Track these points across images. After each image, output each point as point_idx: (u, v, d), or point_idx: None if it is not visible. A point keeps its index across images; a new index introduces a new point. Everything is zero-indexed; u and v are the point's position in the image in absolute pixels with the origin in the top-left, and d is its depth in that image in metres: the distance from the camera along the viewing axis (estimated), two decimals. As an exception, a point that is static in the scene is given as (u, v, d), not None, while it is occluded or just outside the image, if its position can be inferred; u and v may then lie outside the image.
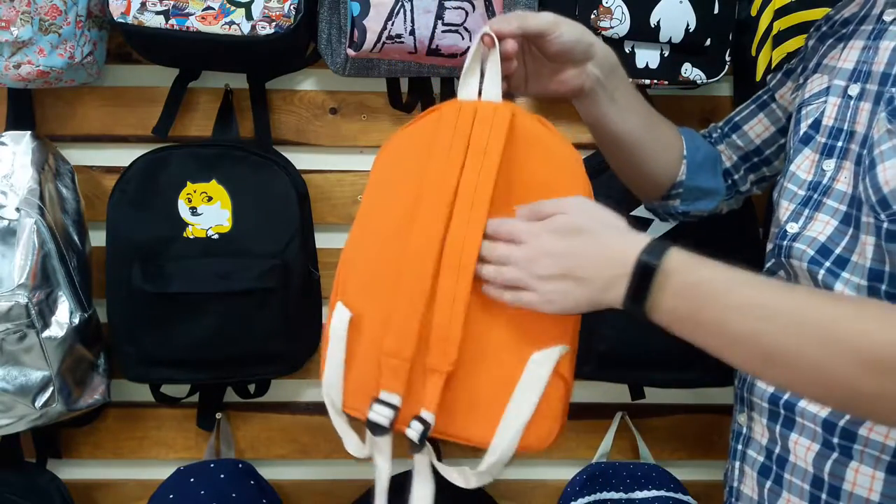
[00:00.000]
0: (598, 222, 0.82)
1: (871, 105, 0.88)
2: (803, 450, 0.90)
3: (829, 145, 0.93)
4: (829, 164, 0.92)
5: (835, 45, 1.00)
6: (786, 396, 0.93)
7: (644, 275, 0.77)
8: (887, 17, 0.90)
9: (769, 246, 1.01)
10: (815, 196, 0.93)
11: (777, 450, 0.94)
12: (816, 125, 0.96)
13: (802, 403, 0.90)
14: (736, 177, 1.18)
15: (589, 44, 0.96)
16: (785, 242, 0.94)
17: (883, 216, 0.82)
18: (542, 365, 0.85)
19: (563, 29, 0.93)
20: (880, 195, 0.82)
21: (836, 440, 0.87)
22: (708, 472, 1.52)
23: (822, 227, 0.90)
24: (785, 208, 0.97)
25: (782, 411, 0.93)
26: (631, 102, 1.04)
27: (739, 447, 1.01)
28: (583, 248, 0.80)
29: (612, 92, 1.00)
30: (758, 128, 1.16)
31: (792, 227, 0.94)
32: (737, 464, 1.02)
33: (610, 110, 1.02)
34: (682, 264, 0.76)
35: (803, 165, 0.96)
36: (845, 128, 0.91)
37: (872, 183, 0.83)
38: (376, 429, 0.85)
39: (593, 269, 0.79)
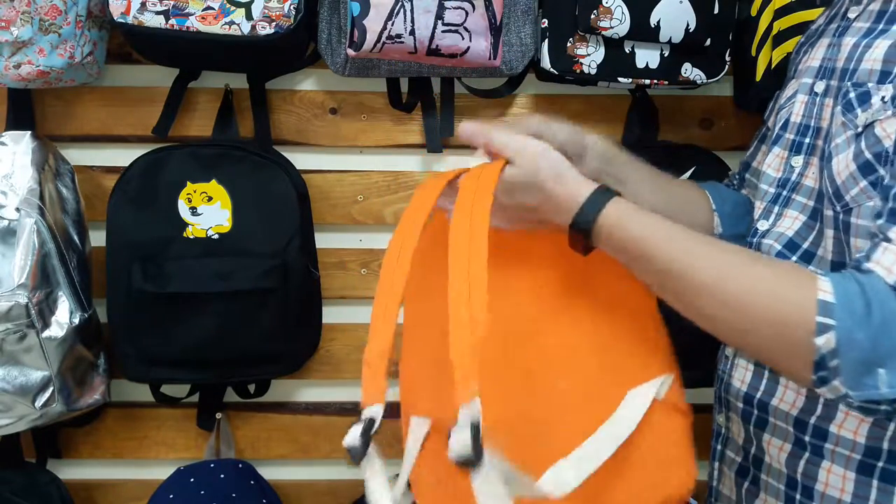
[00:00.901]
0: (546, 174, 0.85)
1: (832, 100, 0.90)
2: (776, 450, 0.92)
3: (797, 142, 0.95)
4: (798, 161, 0.94)
5: (808, 50, 1.02)
6: (758, 395, 0.94)
7: (580, 231, 0.83)
8: (851, 15, 0.92)
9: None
10: (785, 193, 0.95)
11: (753, 450, 0.96)
12: (786, 124, 0.98)
13: (774, 402, 0.92)
14: None
15: (581, 138, 0.98)
16: (755, 240, 0.96)
17: (838, 207, 0.84)
18: (639, 399, 0.82)
19: (555, 128, 0.96)
20: (835, 186, 0.85)
21: (807, 438, 0.88)
22: (707, 472, 1.52)
23: (791, 222, 0.92)
24: (757, 207, 0.99)
25: (755, 410, 0.94)
26: (642, 179, 1.04)
27: (718, 447, 1.03)
28: (532, 200, 0.85)
29: (617, 175, 1.00)
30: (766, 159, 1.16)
31: (762, 225, 0.96)
32: (716, 464, 1.04)
33: (622, 193, 1.02)
34: (610, 226, 0.82)
35: (773, 163, 0.98)
36: (812, 124, 0.93)
37: (829, 175, 0.86)
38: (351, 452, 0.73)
39: (547, 214, 0.86)
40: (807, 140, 0.94)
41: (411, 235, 0.79)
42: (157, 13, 1.26)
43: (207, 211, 1.37)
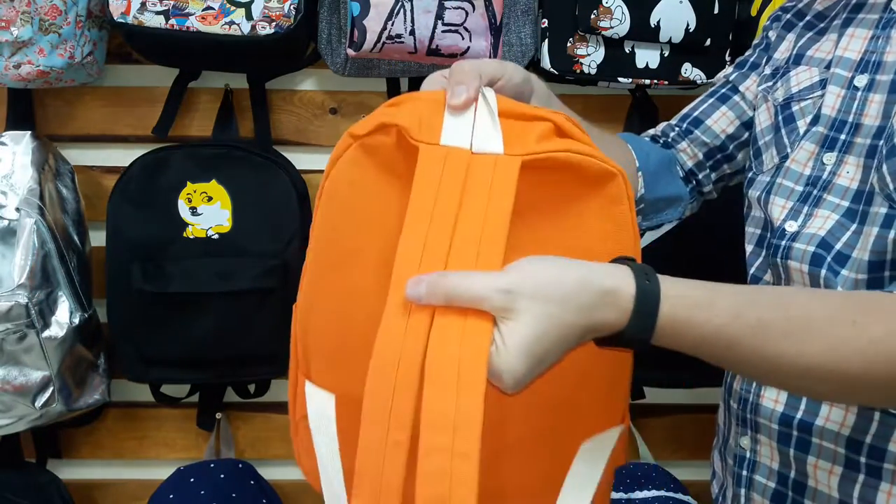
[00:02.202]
0: (569, 314, 0.61)
1: (883, 96, 0.85)
2: (825, 474, 0.85)
3: (831, 137, 0.89)
4: (830, 158, 0.88)
5: (815, 37, 0.97)
6: (798, 415, 0.87)
7: (636, 343, 0.65)
8: None
9: (749, 248, 0.97)
10: (815, 192, 0.89)
11: (792, 474, 0.88)
12: (817, 118, 0.91)
13: (819, 422, 0.85)
14: (700, 175, 1.10)
15: (528, 78, 0.85)
16: (783, 242, 0.89)
17: None
18: (596, 453, 0.67)
19: (510, 70, 0.82)
20: None
21: (862, 460, 0.82)
22: (708, 472, 1.52)
23: (822, 222, 0.86)
24: (781, 206, 0.92)
25: (795, 432, 0.87)
26: None
27: (744, 473, 0.95)
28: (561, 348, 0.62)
29: None
30: (722, 121, 1.08)
31: (791, 226, 0.89)
32: (742, 491, 0.95)
33: None
34: (672, 333, 0.63)
35: (800, 158, 0.92)
36: (850, 119, 0.88)
37: (892, 170, 0.80)
38: None
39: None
40: (842, 136, 0.88)
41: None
42: (157, 13, 1.26)
43: (207, 211, 1.37)
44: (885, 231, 0.81)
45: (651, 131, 1.14)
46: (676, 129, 1.11)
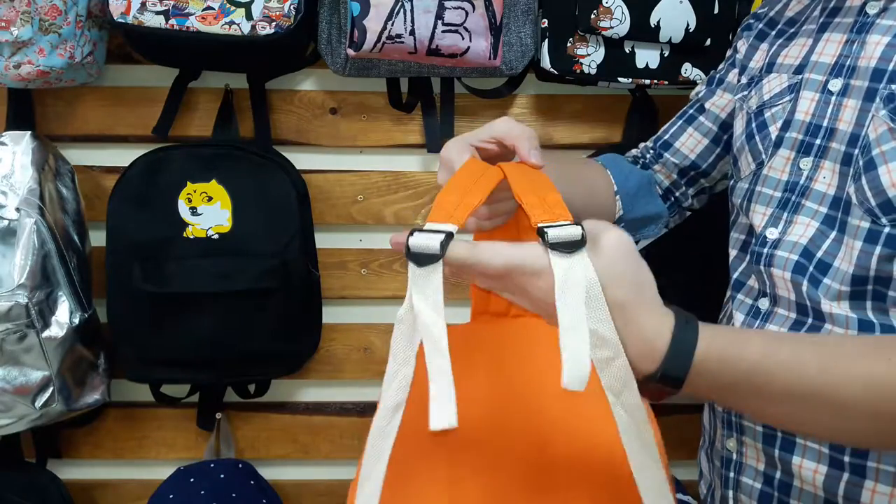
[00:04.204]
0: (628, 289, 0.64)
1: (858, 102, 0.84)
2: (810, 473, 0.85)
3: (807, 143, 0.89)
4: (807, 163, 0.88)
5: (785, 43, 0.97)
6: None
7: (669, 382, 0.68)
8: (870, 10, 0.87)
9: (734, 252, 0.97)
10: (793, 198, 0.89)
11: (778, 475, 0.89)
12: (788, 124, 0.92)
13: None
14: (678, 193, 1.14)
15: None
16: (765, 250, 0.89)
17: (884, 220, 0.79)
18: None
19: (517, 130, 0.82)
20: (883, 198, 0.79)
21: (846, 459, 0.83)
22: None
23: (803, 229, 0.87)
24: (762, 214, 0.92)
25: (780, 433, 0.88)
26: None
27: (731, 475, 0.96)
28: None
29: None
30: (690, 142, 1.11)
31: (772, 233, 0.90)
32: (730, 493, 0.96)
33: None
34: (710, 369, 0.65)
35: (777, 165, 0.92)
36: (824, 124, 0.87)
37: (873, 185, 0.80)
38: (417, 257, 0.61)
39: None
40: (818, 141, 0.88)
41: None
42: (157, 13, 1.26)
43: (207, 211, 1.37)
44: (869, 246, 0.81)
45: (633, 151, 1.18)
46: (651, 151, 1.15)
